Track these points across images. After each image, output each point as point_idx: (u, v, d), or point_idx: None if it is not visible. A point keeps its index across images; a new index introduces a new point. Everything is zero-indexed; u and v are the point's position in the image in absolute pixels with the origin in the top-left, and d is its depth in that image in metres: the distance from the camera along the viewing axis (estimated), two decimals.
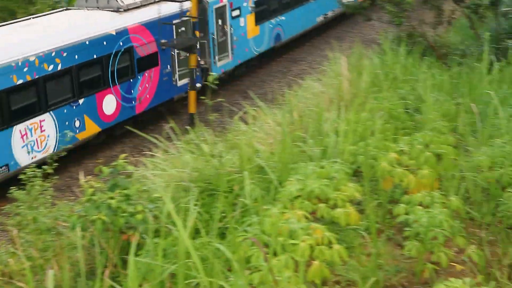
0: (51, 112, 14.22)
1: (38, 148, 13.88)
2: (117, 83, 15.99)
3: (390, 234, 6.36)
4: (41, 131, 13.97)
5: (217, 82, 7.67)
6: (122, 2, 16.80)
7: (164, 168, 7.40)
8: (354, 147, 7.27)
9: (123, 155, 6.19)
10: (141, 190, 6.13)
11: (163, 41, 16.44)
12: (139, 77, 16.74)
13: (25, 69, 13.48)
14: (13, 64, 13.26)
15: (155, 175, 7.17)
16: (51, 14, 17.16)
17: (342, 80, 10.41)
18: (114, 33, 15.79)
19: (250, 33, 21.41)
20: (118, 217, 5.55)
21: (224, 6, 19.87)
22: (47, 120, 14.12)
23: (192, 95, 16.39)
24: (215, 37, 19.46)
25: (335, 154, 7.25)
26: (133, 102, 16.68)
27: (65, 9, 17.82)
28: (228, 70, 20.55)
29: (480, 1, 15.03)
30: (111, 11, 16.71)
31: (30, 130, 13.68)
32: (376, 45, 15.63)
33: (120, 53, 15.95)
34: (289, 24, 23.83)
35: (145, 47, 16.77)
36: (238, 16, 20.70)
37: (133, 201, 5.73)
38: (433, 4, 14.49)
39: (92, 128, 15.46)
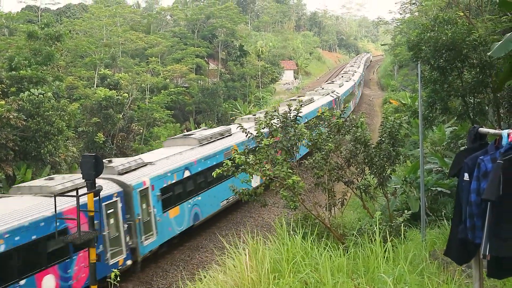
0: None
1: None
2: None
3: None
4: None
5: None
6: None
7: None
8: None
9: None
10: None
11: (63, 237, 16.07)
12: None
13: None
14: None
15: None
16: None
17: (244, 269, 10.36)
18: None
19: (171, 213, 22.37)
20: None
21: (147, 188, 21.02)
22: None
23: None
24: (141, 218, 20.40)
25: None
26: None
27: None
28: (153, 248, 21.35)
29: (369, 182, 16.04)
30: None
31: None
32: (275, 229, 15.95)
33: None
34: (206, 203, 24.90)
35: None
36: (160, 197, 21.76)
37: None
38: (324, 187, 15.24)
39: None
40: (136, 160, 22.50)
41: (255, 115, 32.38)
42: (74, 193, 16.53)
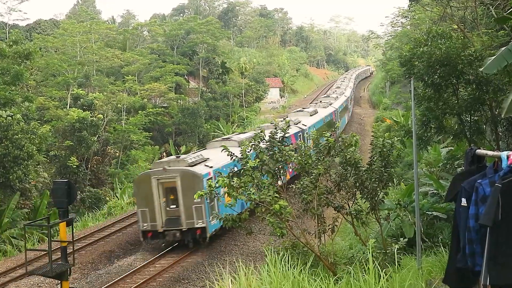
0: None
1: None
2: None
3: None
4: None
5: None
6: None
7: None
8: None
9: None
10: None
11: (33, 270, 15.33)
12: None
13: None
14: None
15: None
16: None
17: None
18: None
19: None
20: None
21: None
22: None
23: None
24: None
25: None
26: None
27: None
28: None
29: (360, 207, 16.00)
30: None
31: None
32: (262, 258, 15.87)
33: None
34: None
35: None
36: None
37: None
38: (313, 213, 15.17)
39: None
40: None
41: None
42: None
